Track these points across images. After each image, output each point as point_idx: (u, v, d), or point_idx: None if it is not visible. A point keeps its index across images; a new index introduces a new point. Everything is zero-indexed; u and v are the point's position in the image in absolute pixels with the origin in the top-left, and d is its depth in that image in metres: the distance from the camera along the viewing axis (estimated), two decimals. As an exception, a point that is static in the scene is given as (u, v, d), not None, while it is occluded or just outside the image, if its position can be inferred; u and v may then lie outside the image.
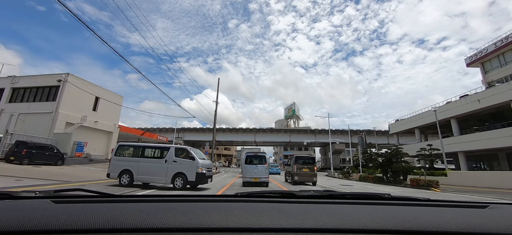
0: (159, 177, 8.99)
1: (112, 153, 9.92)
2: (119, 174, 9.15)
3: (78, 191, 1.13)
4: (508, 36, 26.09)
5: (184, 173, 8.83)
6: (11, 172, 10.17)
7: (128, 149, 10.10)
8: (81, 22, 8.62)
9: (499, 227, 0.70)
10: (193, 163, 8.93)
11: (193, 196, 1.08)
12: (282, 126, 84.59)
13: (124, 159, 9.61)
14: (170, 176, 8.86)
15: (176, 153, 9.26)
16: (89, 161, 20.11)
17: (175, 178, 8.86)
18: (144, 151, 9.84)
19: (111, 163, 9.54)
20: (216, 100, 25.91)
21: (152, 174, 9.09)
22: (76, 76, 21.45)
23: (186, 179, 8.76)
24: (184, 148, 9.54)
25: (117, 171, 9.21)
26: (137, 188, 8.77)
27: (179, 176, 8.85)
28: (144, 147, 10.04)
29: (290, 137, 61.13)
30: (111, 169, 9.39)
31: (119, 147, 9.97)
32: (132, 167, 9.17)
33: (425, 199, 1.11)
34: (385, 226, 0.70)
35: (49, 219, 0.67)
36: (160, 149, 9.70)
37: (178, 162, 9.04)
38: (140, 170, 9.12)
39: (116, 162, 9.49)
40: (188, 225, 0.68)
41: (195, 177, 8.75)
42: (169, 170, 8.94)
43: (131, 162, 9.35)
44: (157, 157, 9.55)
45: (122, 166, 9.27)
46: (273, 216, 0.75)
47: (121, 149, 9.95)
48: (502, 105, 22.16)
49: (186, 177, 8.78)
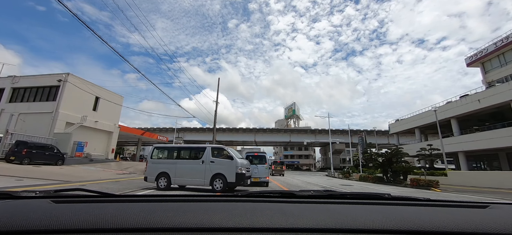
0: (196, 179, 8.60)
1: (148, 156, 9.67)
2: (156, 178, 8.86)
3: (78, 191, 1.13)
4: (508, 36, 26.08)
5: (223, 174, 8.34)
6: (11, 172, 10.18)
7: (164, 151, 9.85)
8: (81, 22, 8.63)
9: (499, 227, 0.70)
10: (232, 163, 8.44)
11: (193, 196, 1.08)
12: (282, 126, 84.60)
13: (160, 161, 9.35)
14: (208, 178, 8.41)
15: (213, 153, 8.81)
16: (89, 161, 20.11)
17: (214, 180, 8.38)
18: (180, 152, 9.54)
19: (147, 166, 9.29)
20: (216, 100, 25.92)
21: (190, 176, 8.71)
22: (76, 76, 21.46)
23: (225, 181, 8.25)
24: (221, 147, 9.05)
25: (154, 175, 8.92)
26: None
27: (218, 178, 8.36)
28: (179, 148, 9.78)
29: (290, 137, 61.11)
30: (148, 172, 9.14)
31: (154, 149, 9.70)
32: (169, 170, 8.86)
33: (425, 199, 1.11)
34: (385, 226, 0.70)
35: (49, 219, 0.67)
36: (196, 150, 9.28)
37: (216, 162, 8.58)
38: (177, 173, 8.79)
39: (152, 165, 9.20)
40: (188, 225, 0.68)
41: (235, 178, 8.25)
42: (206, 171, 8.52)
43: (168, 165, 9.04)
44: (193, 158, 9.13)
45: (159, 169, 8.98)
46: (273, 216, 0.75)
47: (157, 152, 9.71)
48: (502, 105, 22.16)
49: (226, 178, 8.28)
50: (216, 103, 25.95)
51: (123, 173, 16.27)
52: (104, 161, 22.14)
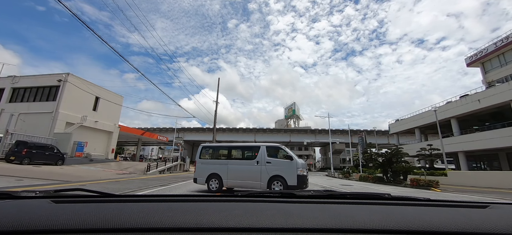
0: (252, 181, 7.91)
1: (196, 156, 9.19)
2: (207, 179, 8.38)
3: (78, 191, 1.13)
4: (508, 36, 26.08)
5: (283, 176, 7.60)
6: (11, 172, 10.18)
7: (214, 151, 9.30)
8: (81, 21, 8.63)
9: (499, 227, 0.70)
10: (292, 164, 7.71)
11: (193, 196, 1.08)
12: (282, 126, 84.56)
13: (210, 162, 8.82)
14: (266, 180, 7.71)
15: (268, 153, 8.13)
16: (89, 161, 20.10)
17: (272, 183, 7.67)
18: (231, 152, 8.93)
19: (196, 167, 8.82)
20: (216, 100, 25.92)
21: (244, 178, 8.08)
22: (76, 76, 21.46)
23: (285, 184, 7.50)
24: (277, 146, 8.37)
25: (204, 176, 8.45)
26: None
27: (276, 180, 7.65)
28: (231, 147, 9.12)
29: (290, 137, 61.11)
30: (197, 173, 8.70)
31: (203, 149, 9.16)
32: (221, 171, 8.32)
33: (425, 199, 1.11)
34: (385, 226, 0.70)
35: (49, 219, 0.67)
36: (250, 149, 8.70)
37: (273, 163, 7.90)
38: (229, 174, 8.21)
39: (202, 165, 8.71)
40: (188, 225, 0.68)
41: (297, 180, 7.47)
42: (263, 173, 7.82)
43: (219, 165, 8.49)
44: (247, 158, 8.52)
45: (209, 169, 8.48)
46: (273, 216, 0.75)
47: (206, 151, 9.22)
48: (502, 105, 22.17)
49: (285, 181, 7.54)
50: (216, 103, 25.95)
51: (123, 173, 16.27)
52: (104, 161, 22.13)
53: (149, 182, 11.45)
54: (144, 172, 18.26)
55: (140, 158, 39.76)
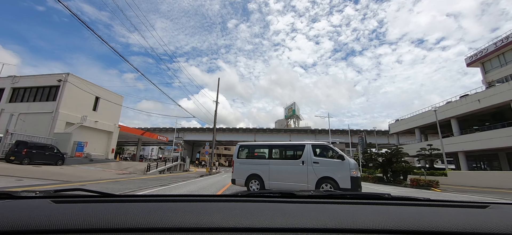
0: (297, 183, 7.30)
1: (234, 155, 8.72)
2: (247, 180, 7.90)
3: (78, 191, 1.13)
4: (508, 36, 26.09)
5: (333, 178, 6.94)
6: (11, 172, 10.18)
7: (253, 150, 8.75)
8: (80, 21, 8.63)
9: (499, 227, 0.70)
10: (344, 165, 7.00)
11: (193, 196, 1.08)
12: (282, 126, 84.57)
13: (249, 161, 8.30)
14: (313, 182, 7.07)
15: (315, 152, 7.46)
16: (89, 161, 20.10)
17: (321, 185, 7.04)
18: (272, 151, 8.27)
19: (234, 167, 8.33)
20: (216, 100, 25.92)
21: (288, 179, 7.48)
22: (76, 76, 21.45)
23: (337, 186, 6.81)
24: (326, 145, 7.69)
25: (243, 177, 7.97)
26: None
27: (326, 182, 6.99)
28: (271, 146, 8.48)
29: (290, 137, 61.10)
30: (235, 174, 8.22)
31: (240, 148, 8.67)
32: (261, 171, 7.78)
33: (425, 199, 1.11)
34: (385, 226, 0.70)
35: (49, 219, 0.67)
36: (293, 148, 8.10)
37: (321, 163, 7.23)
38: (271, 175, 7.66)
39: (240, 165, 8.24)
40: (188, 225, 0.68)
41: (351, 182, 6.76)
42: (310, 174, 7.20)
43: (260, 165, 7.96)
44: (290, 158, 7.93)
45: (249, 170, 7.98)
46: (273, 216, 0.75)
47: (244, 150, 8.70)
48: (502, 105, 22.18)
49: (337, 183, 6.84)
50: (216, 103, 25.96)
51: (123, 173, 16.27)
52: (104, 161, 22.13)
53: (149, 182, 11.44)
54: (144, 172, 18.26)
55: (140, 158, 39.78)
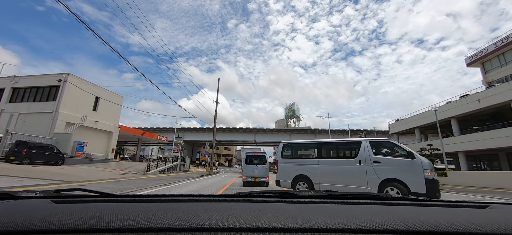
0: (354, 186, 6.41)
1: (278, 155, 7.94)
2: (293, 182, 7.24)
3: (78, 191, 1.13)
4: (508, 36, 26.09)
5: (402, 180, 5.83)
6: (11, 172, 10.18)
7: (300, 149, 7.99)
8: (81, 21, 8.63)
9: (499, 227, 0.70)
10: (415, 164, 5.85)
11: (193, 196, 1.08)
12: (282, 126, 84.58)
13: (296, 161, 7.58)
14: (375, 185, 6.11)
15: (375, 150, 6.44)
16: (89, 161, 20.10)
17: (385, 189, 5.99)
18: (321, 149, 7.39)
19: (278, 167, 7.71)
20: (216, 100, 25.93)
21: (342, 181, 6.59)
22: (76, 76, 21.45)
23: (407, 191, 5.67)
24: (387, 141, 6.71)
25: (289, 178, 7.33)
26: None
27: (391, 186, 5.92)
28: (321, 144, 7.56)
29: (290, 137, 61.08)
30: (280, 175, 7.57)
31: (284, 147, 8.01)
32: (310, 172, 7.06)
33: (425, 199, 1.11)
34: (385, 226, 0.70)
35: (49, 219, 0.67)
36: (346, 146, 7.24)
37: (384, 163, 6.20)
38: (322, 176, 6.88)
39: (285, 166, 7.61)
40: (188, 225, 0.68)
41: (426, 186, 5.59)
42: (370, 175, 6.23)
43: (308, 166, 7.22)
44: (344, 157, 7.05)
45: (295, 170, 7.30)
46: (273, 216, 0.75)
47: (289, 149, 7.96)
48: (502, 105, 22.17)
49: (408, 187, 5.71)
50: (216, 103, 25.96)
51: (123, 173, 16.27)
52: (104, 161, 22.13)
53: (149, 182, 11.45)
54: (144, 172, 18.26)
55: (140, 158, 39.78)
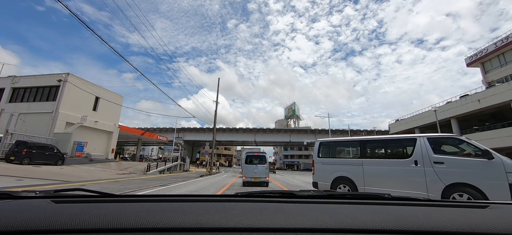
0: (408, 190, 5.31)
1: (314, 154, 7.04)
2: (332, 184, 6.40)
3: (78, 191, 1.13)
4: (508, 36, 26.10)
5: (475, 185, 4.61)
6: (11, 172, 10.17)
7: (340, 147, 7.21)
8: (80, 21, 8.62)
9: (499, 227, 0.70)
10: (493, 165, 4.63)
11: (193, 196, 1.08)
12: (282, 126, 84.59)
13: (335, 161, 6.74)
14: (438, 191, 4.92)
15: (437, 148, 5.23)
16: (89, 161, 20.10)
17: (451, 195, 4.76)
18: (365, 147, 6.36)
19: (315, 168, 6.88)
20: (216, 100, 25.93)
21: (393, 185, 5.53)
22: (76, 76, 21.44)
23: (483, 197, 4.52)
24: (455, 137, 5.45)
25: (328, 179, 6.50)
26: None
27: (460, 191, 4.71)
28: (365, 142, 6.43)
29: (290, 137, 61.10)
30: (317, 176, 6.76)
31: (321, 145, 7.16)
32: (353, 174, 6.17)
33: (425, 199, 1.11)
34: (385, 226, 0.70)
35: (49, 219, 0.67)
36: (398, 144, 6.17)
37: (449, 163, 5.00)
38: (367, 179, 5.90)
39: (322, 166, 6.80)
40: (188, 225, 0.68)
41: (511, 192, 4.37)
42: (430, 179, 5.07)
43: (350, 166, 6.34)
44: (394, 156, 5.96)
45: (335, 171, 6.47)
46: (273, 216, 0.75)
47: (327, 148, 7.09)
48: (502, 105, 22.18)
49: (483, 193, 4.52)
50: (216, 103, 25.96)
51: (123, 173, 16.27)
52: (104, 161, 22.13)
53: (149, 182, 11.45)
54: (144, 172, 18.26)
55: (140, 158, 39.77)
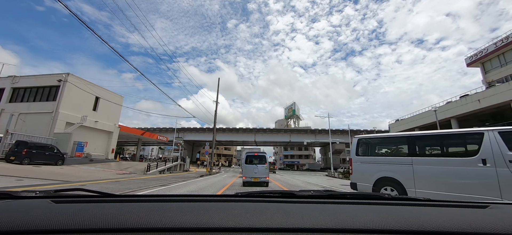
0: (474, 195, 4.44)
1: (352, 152, 6.27)
2: (375, 185, 5.54)
3: (78, 191, 1.13)
4: (508, 36, 26.09)
5: None
6: (11, 172, 10.17)
7: (382, 144, 6.31)
8: (80, 21, 8.62)
9: (499, 227, 0.70)
10: None
11: (193, 196, 1.08)
12: (282, 126, 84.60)
13: (377, 160, 5.93)
14: None
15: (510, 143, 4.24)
16: (89, 161, 20.10)
17: None
18: (416, 144, 5.40)
19: (353, 168, 6.10)
20: (216, 100, 25.93)
21: (453, 188, 4.60)
22: (76, 76, 21.45)
23: None
24: None
25: (369, 180, 5.66)
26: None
27: None
28: (415, 137, 5.48)
29: (290, 137, 61.10)
30: (356, 176, 5.99)
31: (360, 142, 6.26)
32: (400, 174, 5.25)
33: (425, 199, 1.11)
34: (385, 226, 0.70)
35: (49, 219, 0.67)
36: (460, 139, 5.11)
37: None
38: (419, 181, 4.97)
39: (362, 165, 6.00)
40: (187, 225, 0.68)
41: None
42: (503, 181, 4.19)
43: (396, 165, 5.42)
44: (455, 155, 5.02)
45: (377, 171, 5.63)
46: (273, 216, 0.75)
47: (367, 145, 6.24)
48: (502, 105, 22.16)
49: None
50: (216, 103, 25.96)
51: (123, 173, 16.27)
52: (104, 161, 22.13)
53: (149, 182, 11.45)
54: (144, 172, 18.27)
55: (140, 158, 39.78)
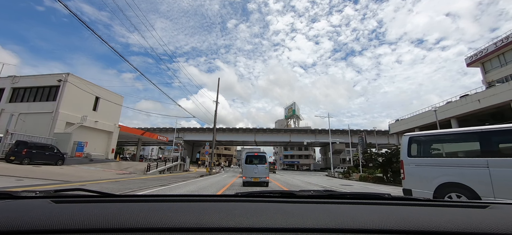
0: None
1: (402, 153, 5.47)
2: (436, 192, 4.66)
3: (79, 191, 1.13)
4: (508, 36, 26.09)
5: None
6: (11, 172, 10.17)
7: (443, 143, 5.36)
8: (80, 21, 8.62)
9: (499, 227, 0.70)
10: None
11: (193, 196, 1.08)
12: (282, 126, 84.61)
13: (438, 161, 5.01)
14: None
15: None
16: (89, 161, 20.10)
17: None
18: (492, 140, 4.46)
19: (406, 171, 5.30)
20: (216, 100, 25.93)
21: None
22: (76, 76, 21.45)
23: None
24: None
25: (428, 186, 4.80)
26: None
27: None
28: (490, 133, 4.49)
29: (290, 137, 61.11)
30: (410, 181, 5.17)
31: (413, 141, 5.41)
32: (473, 179, 4.32)
33: (425, 199, 1.11)
34: (385, 226, 0.70)
35: (49, 219, 0.67)
36: None
37: None
38: (499, 188, 4.14)
39: (418, 169, 5.13)
40: (188, 225, 0.68)
41: None
42: None
43: (465, 169, 4.49)
44: None
45: (439, 175, 4.72)
46: (273, 216, 0.75)
47: (422, 144, 5.38)
48: (502, 105, 22.16)
49: None
50: (216, 103, 25.96)
51: (123, 173, 16.27)
52: (104, 161, 22.13)
53: (149, 182, 11.45)
54: (144, 172, 18.27)
55: (140, 158, 39.78)
